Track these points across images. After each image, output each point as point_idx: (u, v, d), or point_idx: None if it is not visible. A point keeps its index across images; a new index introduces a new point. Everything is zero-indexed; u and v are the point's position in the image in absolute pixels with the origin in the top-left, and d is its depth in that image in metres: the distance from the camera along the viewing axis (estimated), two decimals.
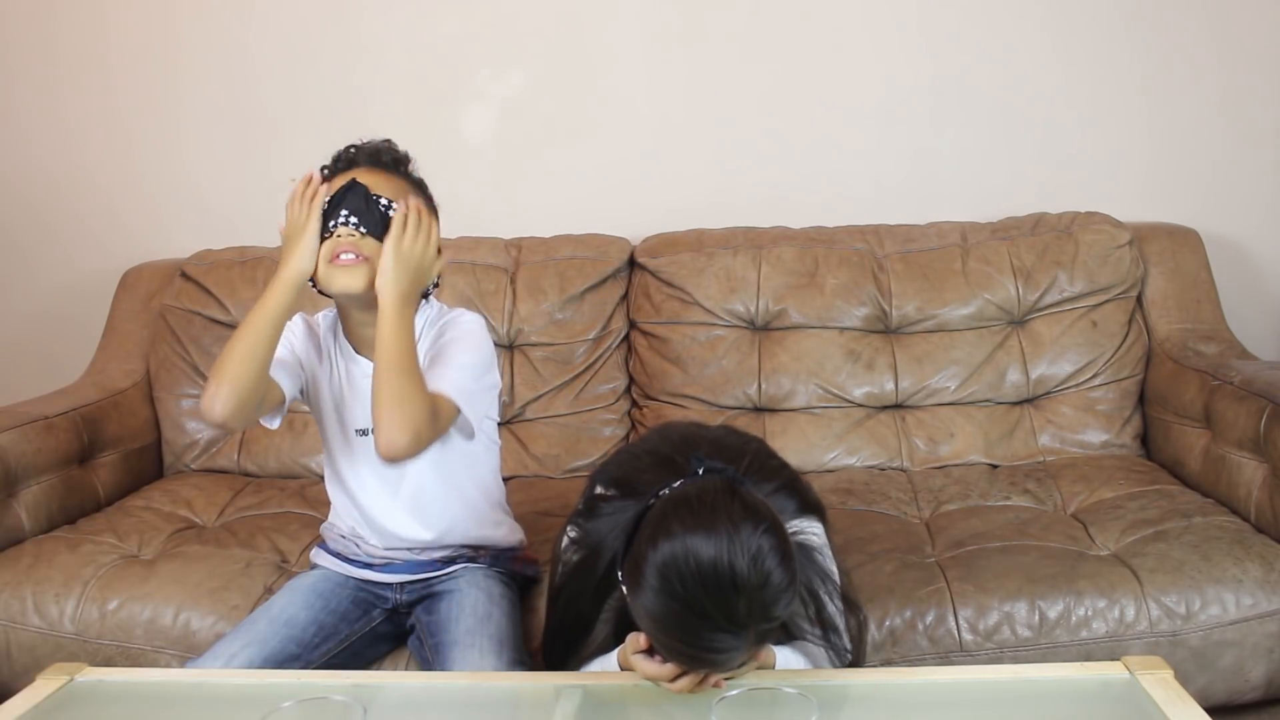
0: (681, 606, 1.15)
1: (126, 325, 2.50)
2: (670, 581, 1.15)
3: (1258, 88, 2.48)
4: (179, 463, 2.39)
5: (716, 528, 1.15)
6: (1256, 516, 1.85)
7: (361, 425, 1.64)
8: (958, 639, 1.66)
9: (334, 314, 1.70)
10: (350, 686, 1.40)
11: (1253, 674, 1.68)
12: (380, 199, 1.55)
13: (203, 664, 1.52)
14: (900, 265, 2.34)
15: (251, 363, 1.50)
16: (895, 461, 2.25)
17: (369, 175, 1.58)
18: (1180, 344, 2.22)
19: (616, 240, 2.47)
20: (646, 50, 2.57)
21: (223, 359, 1.51)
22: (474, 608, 1.60)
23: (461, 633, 1.56)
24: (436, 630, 1.60)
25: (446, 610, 1.61)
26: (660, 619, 1.18)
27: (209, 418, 1.51)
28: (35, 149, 2.72)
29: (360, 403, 1.62)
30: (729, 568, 1.13)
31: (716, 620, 1.15)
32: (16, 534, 2.00)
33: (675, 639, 1.19)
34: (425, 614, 1.65)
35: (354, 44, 2.61)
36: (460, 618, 1.58)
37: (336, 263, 1.55)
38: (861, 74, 2.54)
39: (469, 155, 2.60)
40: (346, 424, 1.66)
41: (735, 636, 1.16)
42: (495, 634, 1.56)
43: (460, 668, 1.50)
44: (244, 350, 1.50)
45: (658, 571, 1.16)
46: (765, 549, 1.16)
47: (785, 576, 1.17)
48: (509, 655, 1.53)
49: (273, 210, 2.56)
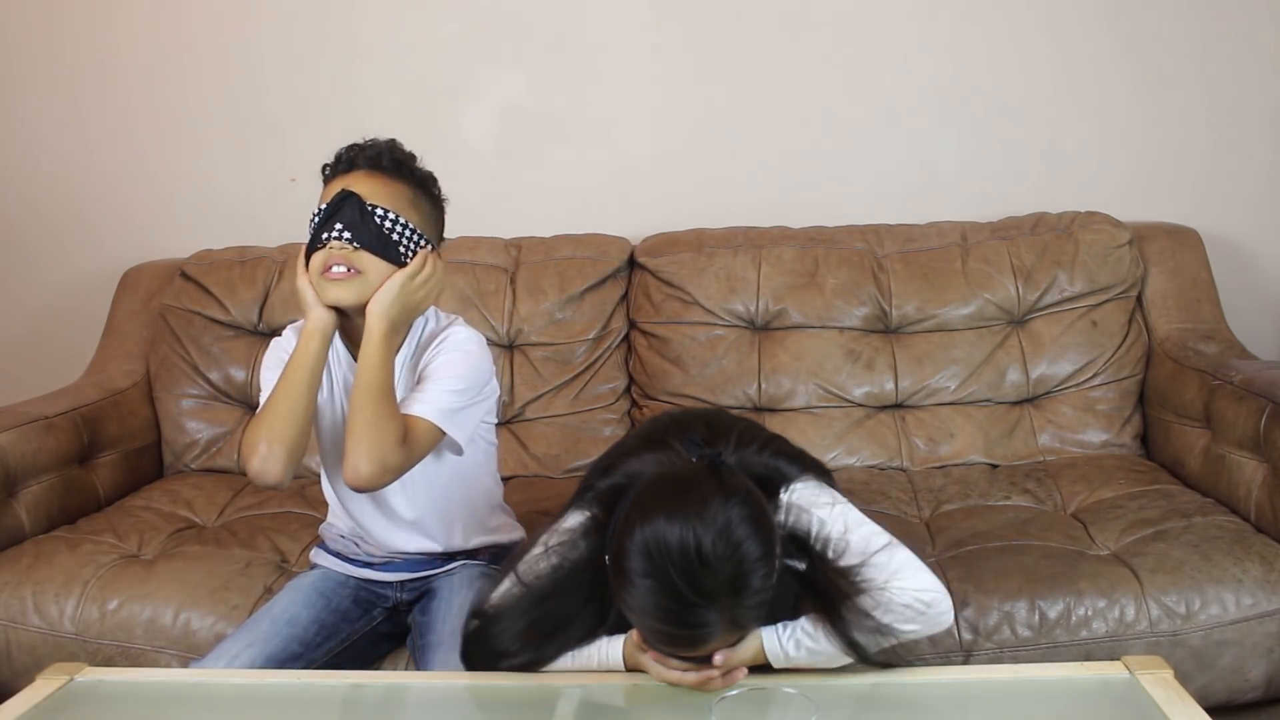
0: (654, 584, 1.16)
1: (126, 325, 2.50)
2: (643, 561, 1.17)
3: (1258, 87, 2.48)
4: (179, 463, 2.39)
5: (687, 505, 1.17)
6: (1256, 516, 1.85)
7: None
8: (958, 639, 1.66)
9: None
10: (350, 687, 1.40)
11: (1253, 674, 1.68)
12: (376, 210, 1.51)
13: (206, 664, 1.52)
14: (900, 265, 2.34)
15: (297, 419, 1.51)
16: (895, 461, 2.24)
17: (367, 181, 1.54)
18: (1180, 344, 2.22)
19: (616, 240, 2.46)
20: (647, 50, 2.57)
21: (267, 419, 1.51)
22: (462, 608, 1.58)
23: (446, 633, 1.55)
24: (425, 630, 1.60)
25: (436, 610, 1.61)
26: (636, 600, 1.19)
27: (262, 481, 1.51)
28: (35, 149, 2.72)
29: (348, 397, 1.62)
30: (695, 541, 1.15)
31: (687, 595, 1.15)
32: (16, 534, 2.00)
33: (651, 618, 1.20)
34: (420, 614, 1.65)
35: (354, 44, 2.61)
36: (447, 618, 1.58)
37: (328, 275, 1.52)
38: (862, 74, 2.54)
39: (469, 155, 2.60)
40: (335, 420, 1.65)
41: (707, 610, 1.17)
42: None
43: (440, 669, 1.50)
44: (288, 408, 1.51)
45: (632, 553, 1.18)
46: (735, 520, 1.17)
47: (758, 548, 1.18)
48: None
49: (273, 210, 2.59)
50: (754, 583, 1.18)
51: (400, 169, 1.58)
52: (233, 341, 2.41)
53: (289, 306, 2.38)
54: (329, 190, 1.56)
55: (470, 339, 1.62)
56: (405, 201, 1.56)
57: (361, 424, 1.47)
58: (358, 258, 1.51)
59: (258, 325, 2.41)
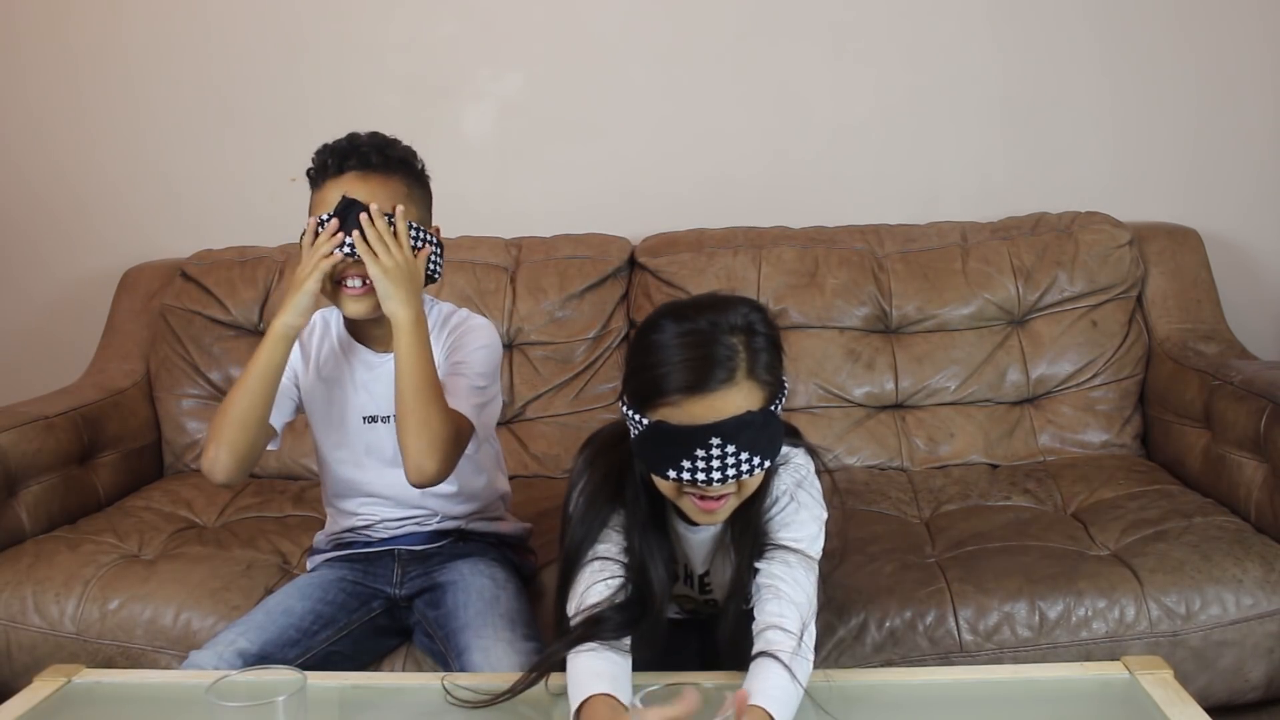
0: (673, 321, 1.22)
1: (127, 325, 2.50)
2: (660, 314, 1.24)
3: (1258, 88, 2.48)
4: (179, 463, 2.39)
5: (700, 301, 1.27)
6: (1256, 516, 1.85)
7: (371, 412, 1.64)
8: (958, 639, 1.66)
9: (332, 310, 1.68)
10: (350, 687, 1.40)
11: (1253, 674, 1.68)
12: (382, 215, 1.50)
13: (203, 655, 1.50)
14: (900, 265, 2.34)
15: (247, 426, 1.51)
16: (895, 461, 2.24)
17: (363, 184, 1.52)
18: (1180, 344, 2.22)
19: (616, 240, 2.47)
20: (647, 50, 2.56)
21: (219, 421, 1.52)
22: (480, 592, 1.60)
23: (471, 616, 1.56)
24: (445, 620, 1.59)
25: (452, 600, 1.61)
26: (655, 349, 1.20)
27: (211, 479, 1.53)
28: (36, 149, 2.72)
29: (364, 391, 1.63)
30: (710, 297, 1.26)
31: (705, 327, 1.20)
32: (16, 534, 2.00)
33: (673, 352, 1.19)
34: (430, 608, 1.64)
35: (354, 44, 2.61)
36: (468, 603, 1.58)
37: (346, 291, 1.54)
38: (862, 74, 2.54)
39: (469, 155, 2.60)
40: (349, 413, 1.65)
41: (728, 337, 1.19)
42: (506, 614, 1.56)
43: (476, 650, 1.50)
44: (239, 413, 1.51)
45: (648, 322, 1.24)
46: (750, 311, 1.23)
47: (769, 332, 1.23)
48: (522, 631, 1.54)
49: (273, 210, 2.59)
50: (767, 347, 1.22)
51: (389, 163, 1.56)
52: (233, 341, 2.41)
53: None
54: (325, 196, 1.54)
55: (487, 326, 1.65)
56: (402, 195, 1.55)
57: (417, 421, 1.46)
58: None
59: (258, 325, 2.41)
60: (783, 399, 1.25)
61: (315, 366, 1.66)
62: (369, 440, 1.66)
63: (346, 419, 1.66)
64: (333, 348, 1.67)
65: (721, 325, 1.20)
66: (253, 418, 1.51)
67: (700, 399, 1.19)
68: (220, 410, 1.53)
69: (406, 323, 1.49)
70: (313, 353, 1.67)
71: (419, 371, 1.48)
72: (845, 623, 1.67)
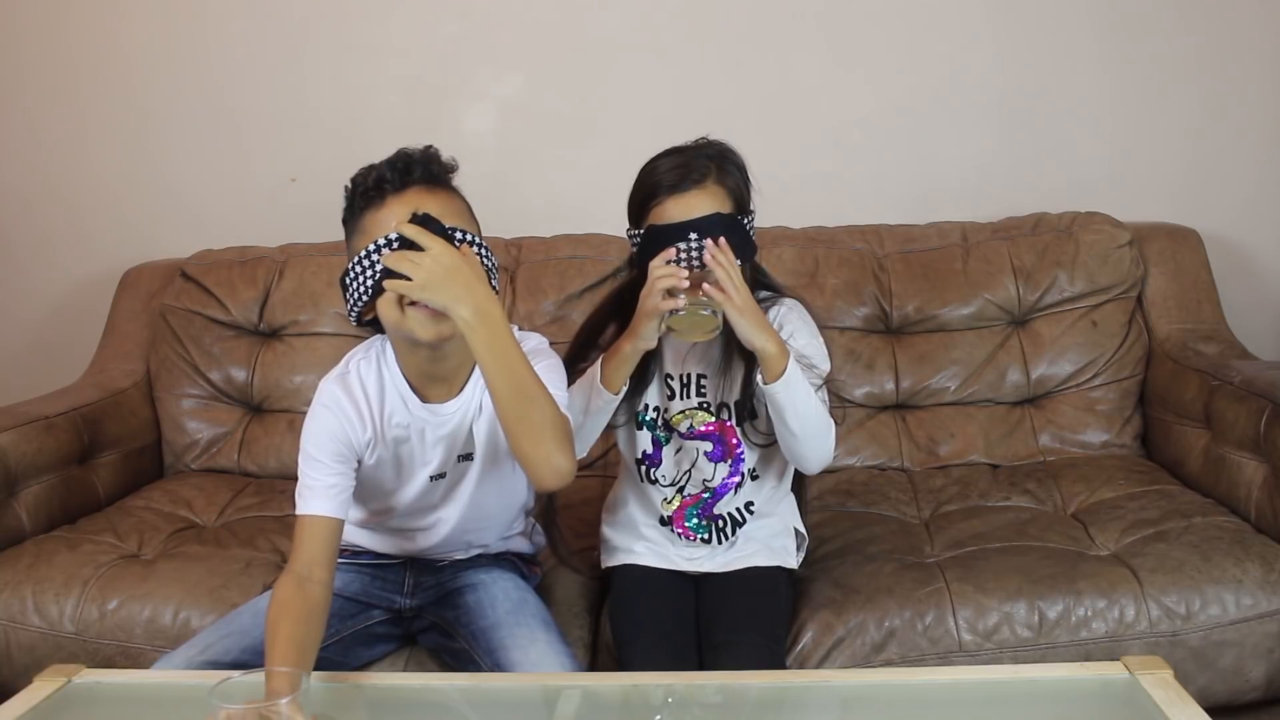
0: (656, 159, 1.60)
1: (127, 325, 2.50)
2: (651, 159, 1.60)
3: (1258, 88, 2.48)
4: (179, 463, 2.39)
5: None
6: (1256, 516, 1.85)
7: (437, 470, 1.55)
8: (957, 639, 1.66)
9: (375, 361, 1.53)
10: (350, 688, 1.40)
11: (1253, 674, 1.68)
12: (455, 232, 1.39)
13: (177, 655, 1.48)
14: (900, 265, 2.34)
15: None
16: (895, 462, 2.24)
17: (431, 199, 1.41)
18: (1180, 344, 2.22)
19: (616, 240, 2.46)
20: (647, 50, 2.56)
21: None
22: (506, 593, 1.59)
23: (502, 614, 1.54)
24: (468, 619, 1.57)
25: (476, 601, 1.59)
26: (643, 173, 1.60)
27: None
28: (37, 149, 2.72)
29: (431, 448, 1.53)
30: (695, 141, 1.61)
31: (672, 153, 1.58)
32: (16, 534, 2.00)
33: (658, 161, 1.59)
34: (446, 609, 1.62)
35: (354, 44, 2.61)
36: (494, 602, 1.57)
37: (422, 311, 1.38)
38: (861, 74, 2.54)
39: (469, 155, 2.56)
40: (413, 473, 1.55)
41: (705, 149, 1.57)
42: (537, 614, 1.56)
43: (510, 644, 1.49)
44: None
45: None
46: (725, 148, 1.61)
47: (738, 162, 1.62)
48: (557, 632, 1.53)
49: (273, 210, 2.59)
50: (734, 171, 1.60)
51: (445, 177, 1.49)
52: (233, 341, 2.41)
53: (289, 306, 2.39)
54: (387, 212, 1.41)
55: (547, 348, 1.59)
56: (464, 210, 1.48)
57: (536, 422, 1.34)
58: None
59: (258, 325, 2.41)
60: (751, 220, 1.61)
61: (380, 425, 1.50)
62: (426, 498, 1.58)
63: (408, 478, 1.56)
64: (396, 405, 1.52)
65: (699, 151, 1.57)
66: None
67: (678, 199, 1.54)
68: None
69: (495, 313, 1.34)
70: (371, 411, 1.50)
71: (519, 367, 1.35)
72: (845, 623, 1.67)
